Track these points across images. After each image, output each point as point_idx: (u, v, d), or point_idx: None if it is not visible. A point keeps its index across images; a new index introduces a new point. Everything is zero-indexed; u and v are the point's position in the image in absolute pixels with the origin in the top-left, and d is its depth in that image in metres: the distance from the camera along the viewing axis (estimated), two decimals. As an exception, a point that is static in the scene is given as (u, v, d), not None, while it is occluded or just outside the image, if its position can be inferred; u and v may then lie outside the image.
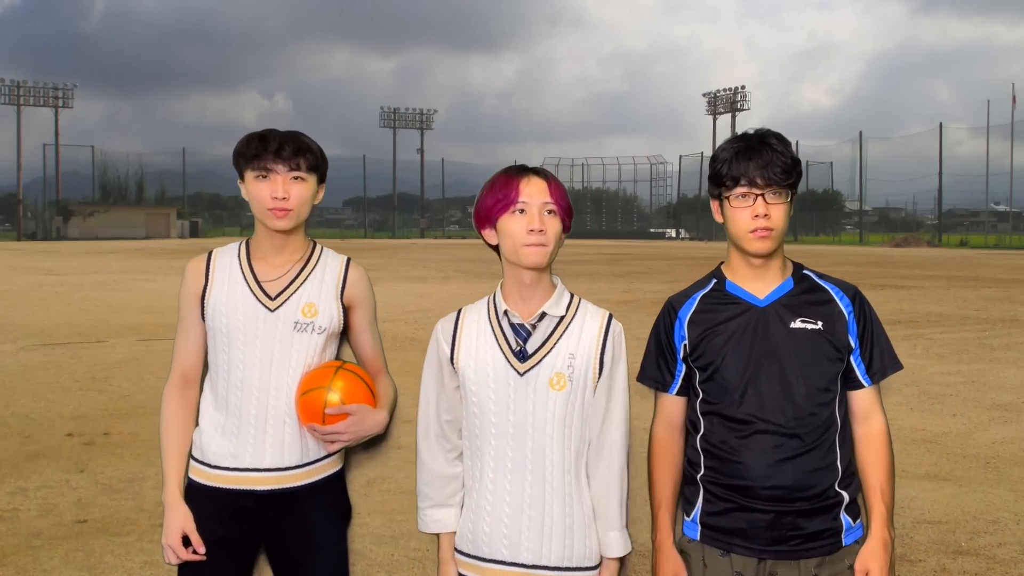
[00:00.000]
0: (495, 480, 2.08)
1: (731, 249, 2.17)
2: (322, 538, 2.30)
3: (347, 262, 2.39)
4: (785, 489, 2.03)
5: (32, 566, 4.09)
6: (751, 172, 2.05)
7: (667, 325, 2.21)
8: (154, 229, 72.41)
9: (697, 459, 2.15)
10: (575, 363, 2.06)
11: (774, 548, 2.06)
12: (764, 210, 2.05)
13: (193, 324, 2.33)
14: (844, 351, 2.09)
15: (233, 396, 2.26)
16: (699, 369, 2.14)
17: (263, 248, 2.34)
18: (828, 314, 2.10)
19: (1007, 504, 5.12)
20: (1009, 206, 79.46)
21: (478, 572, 2.10)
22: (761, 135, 2.10)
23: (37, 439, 6.37)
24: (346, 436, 2.23)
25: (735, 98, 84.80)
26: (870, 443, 2.12)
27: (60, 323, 12.96)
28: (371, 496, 4.79)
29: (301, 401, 2.24)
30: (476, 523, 2.10)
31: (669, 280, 22.16)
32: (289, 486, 2.26)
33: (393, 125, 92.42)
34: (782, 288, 2.13)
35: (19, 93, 77.14)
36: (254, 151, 2.26)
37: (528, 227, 2.01)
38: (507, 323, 2.10)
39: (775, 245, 2.09)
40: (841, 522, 2.08)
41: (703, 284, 2.22)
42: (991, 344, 11.36)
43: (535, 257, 2.02)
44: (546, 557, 2.05)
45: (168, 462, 2.30)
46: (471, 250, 44.44)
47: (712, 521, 2.11)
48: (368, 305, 2.41)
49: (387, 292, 17.51)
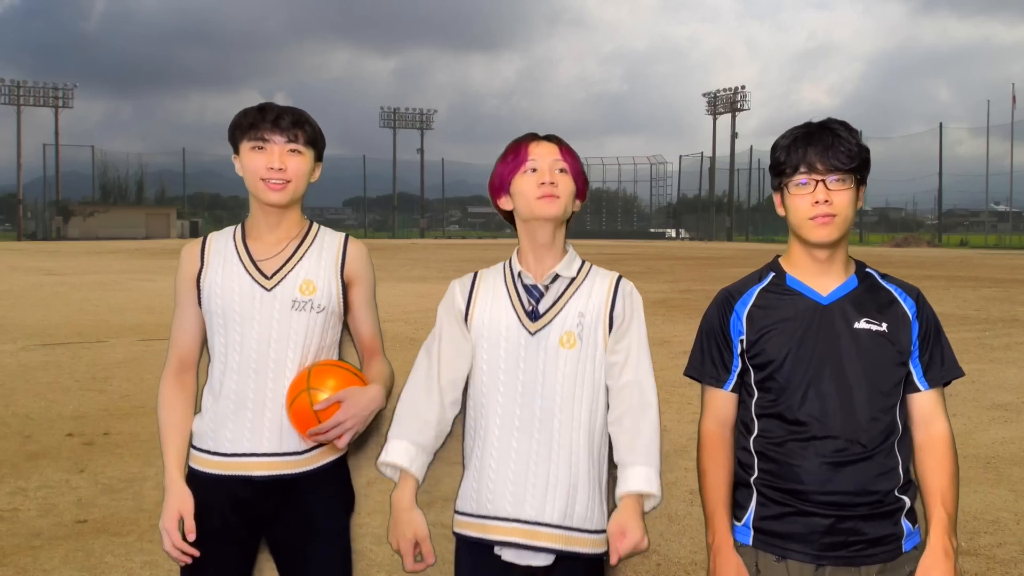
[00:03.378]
0: (501, 439, 2.09)
1: (792, 242, 2.08)
2: (324, 528, 2.26)
3: (345, 238, 2.36)
4: (845, 494, 1.95)
5: (32, 566, 4.09)
6: (810, 157, 1.95)
7: (723, 317, 2.09)
8: (154, 229, 72.41)
9: (750, 461, 2.05)
10: (584, 321, 2.09)
11: (833, 554, 1.96)
12: (825, 196, 1.95)
13: (189, 308, 2.29)
14: (907, 355, 2.01)
15: (230, 380, 2.22)
16: (756, 367, 2.04)
17: (258, 226, 2.29)
18: (892, 316, 2.01)
19: (1007, 504, 5.12)
20: (1009, 206, 79.45)
21: (481, 531, 2.09)
22: (823, 122, 2.01)
23: (37, 439, 6.37)
24: (348, 422, 2.14)
25: (735, 98, 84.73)
26: (932, 449, 2.01)
27: (60, 323, 12.95)
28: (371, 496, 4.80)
29: (291, 414, 2.18)
30: (480, 481, 2.11)
31: (669, 280, 22.14)
32: (288, 472, 2.22)
33: (393, 125, 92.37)
34: (846, 286, 2.04)
35: (19, 93, 77.07)
36: (251, 121, 2.22)
37: (539, 181, 2.07)
38: (521, 284, 2.14)
39: (839, 233, 1.98)
40: (902, 527, 2.00)
41: (760, 277, 2.11)
42: (991, 344, 11.35)
43: (550, 207, 2.07)
44: (548, 514, 2.05)
45: (167, 446, 2.25)
46: (471, 250, 44.45)
47: (766, 525, 2.01)
48: (368, 281, 2.36)
49: (387, 292, 17.50)
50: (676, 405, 7.30)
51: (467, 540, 2.12)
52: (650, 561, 4.22)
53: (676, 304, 16.01)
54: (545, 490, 2.06)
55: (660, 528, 4.64)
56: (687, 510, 4.88)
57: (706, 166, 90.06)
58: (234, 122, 2.26)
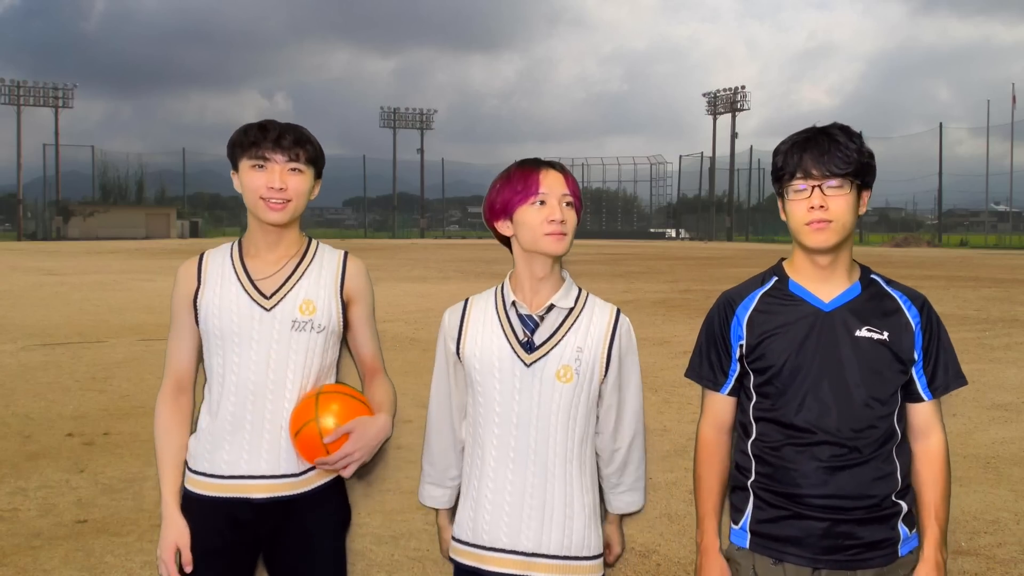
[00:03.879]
0: (496, 469, 2.09)
1: (795, 248, 2.07)
2: (321, 547, 2.25)
3: (345, 255, 2.32)
4: (842, 498, 1.96)
5: (32, 566, 4.09)
6: (807, 163, 1.95)
7: (723, 321, 2.10)
8: (154, 229, 72.35)
9: (747, 464, 2.07)
10: (583, 356, 2.08)
11: (829, 557, 1.97)
12: (820, 201, 1.94)
13: (186, 329, 2.27)
14: (908, 364, 2.00)
15: (227, 401, 2.19)
16: (756, 372, 2.04)
17: (256, 245, 2.26)
18: (895, 324, 2.00)
19: (1007, 504, 5.12)
20: (1009, 206, 79.41)
21: (477, 560, 2.10)
22: (824, 127, 2.00)
23: (37, 439, 6.37)
24: (357, 454, 2.13)
25: (735, 98, 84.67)
26: (928, 461, 2.03)
27: (60, 323, 12.95)
28: (371, 496, 4.79)
29: (297, 442, 2.16)
30: (477, 511, 2.11)
31: (669, 280, 22.11)
32: (286, 494, 2.20)
33: (393, 125, 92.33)
34: (849, 293, 2.03)
35: (19, 93, 77.01)
36: (252, 139, 2.19)
37: (549, 218, 2.05)
38: (515, 314, 2.11)
39: (836, 239, 1.97)
40: (899, 532, 2.01)
41: (762, 281, 2.11)
42: (991, 344, 11.36)
43: (558, 245, 2.06)
44: (545, 545, 2.05)
45: (164, 473, 2.24)
46: (471, 250, 44.42)
47: (763, 529, 2.02)
48: (367, 299, 2.33)
49: (387, 292, 17.50)
50: (676, 405, 7.30)
51: (464, 568, 2.13)
52: (650, 561, 4.22)
53: (676, 304, 16.01)
54: (541, 521, 2.06)
55: (660, 528, 4.64)
56: (687, 510, 4.88)
57: (706, 166, 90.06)
58: (234, 139, 2.22)
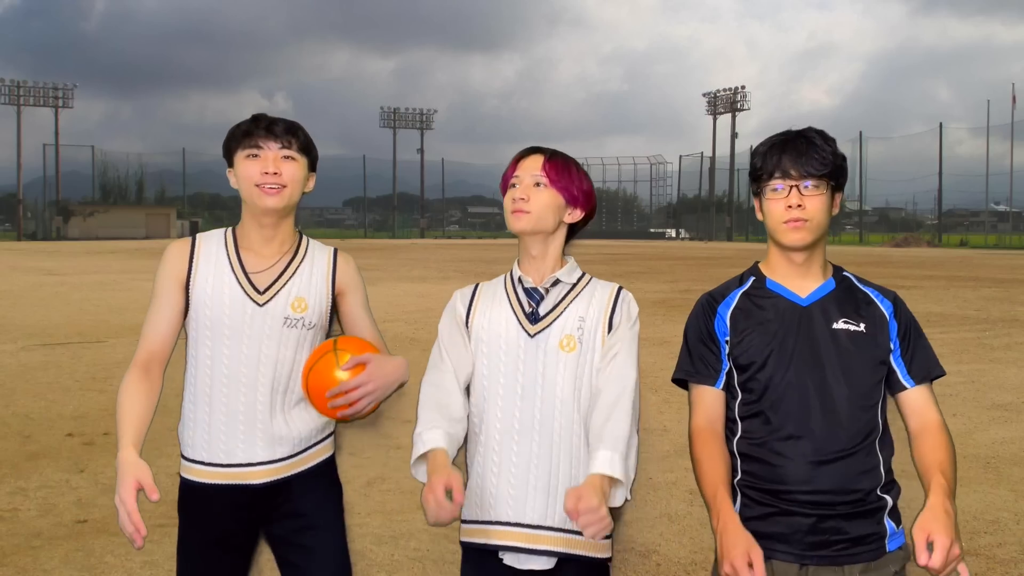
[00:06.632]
0: (501, 441, 2.10)
1: (771, 247, 2.13)
2: (320, 521, 2.29)
3: (334, 252, 2.38)
4: (826, 493, 1.97)
5: (32, 566, 4.09)
6: (785, 163, 2.01)
7: (707, 319, 2.13)
8: (154, 229, 72.39)
9: (734, 463, 2.08)
10: (585, 325, 2.11)
11: (816, 553, 1.97)
12: (798, 200, 2.00)
13: (169, 306, 2.26)
14: (885, 354, 2.04)
15: (219, 392, 2.22)
16: (739, 368, 2.08)
17: (251, 238, 2.29)
18: (870, 316, 2.05)
19: (1007, 504, 5.12)
20: (1009, 206, 79.44)
21: (483, 536, 2.09)
22: (801, 130, 2.07)
23: (37, 439, 6.37)
24: (371, 384, 2.11)
25: (735, 98, 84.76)
26: (927, 434, 2.00)
27: (60, 323, 12.95)
28: (371, 496, 4.72)
29: (311, 376, 2.15)
30: (483, 486, 2.11)
31: (669, 280, 22.14)
32: (283, 476, 2.25)
33: (393, 125, 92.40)
34: (824, 288, 2.09)
35: (19, 93, 77.09)
36: (245, 129, 2.24)
37: (513, 196, 2.14)
38: (521, 288, 2.17)
39: (812, 237, 2.03)
40: (885, 527, 2.01)
41: (740, 281, 2.16)
42: (991, 344, 11.36)
43: (517, 222, 2.13)
44: (551, 518, 2.05)
45: (123, 424, 2.10)
46: (471, 250, 44.44)
47: (751, 526, 2.00)
48: (359, 289, 2.39)
49: (387, 292, 17.51)
50: (676, 405, 7.29)
51: (472, 547, 2.13)
52: (650, 561, 4.22)
53: (676, 304, 16.00)
54: (547, 493, 2.06)
55: (660, 528, 4.64)
56: (687, 510, 4.88)
57: (706, 166, 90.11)
58: (228, 136, 2.28)
